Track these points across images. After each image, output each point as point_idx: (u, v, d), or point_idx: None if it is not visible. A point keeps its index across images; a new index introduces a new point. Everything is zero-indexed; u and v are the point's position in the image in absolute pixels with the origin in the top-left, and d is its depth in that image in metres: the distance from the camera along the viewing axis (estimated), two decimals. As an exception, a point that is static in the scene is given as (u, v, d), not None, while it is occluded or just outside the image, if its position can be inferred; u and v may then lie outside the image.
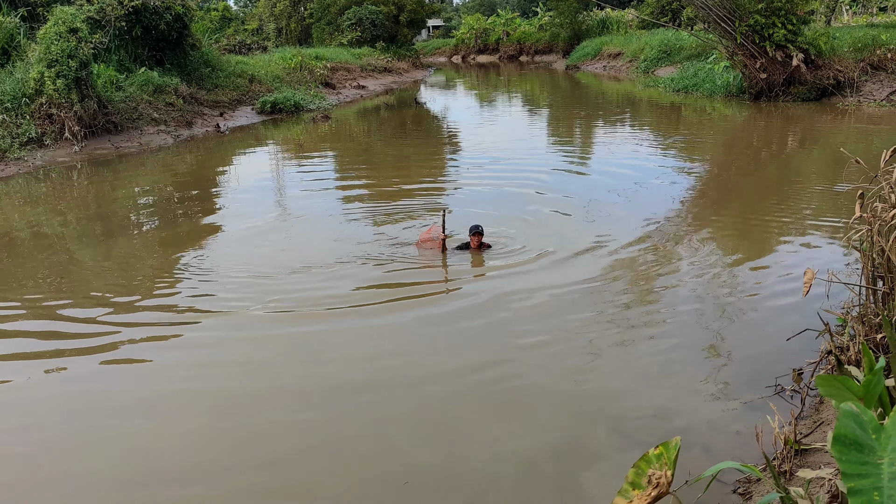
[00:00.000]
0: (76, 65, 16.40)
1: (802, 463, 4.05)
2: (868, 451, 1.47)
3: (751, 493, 4.03)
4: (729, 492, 4.07)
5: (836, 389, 1.72)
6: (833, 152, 13.70)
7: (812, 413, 4.81)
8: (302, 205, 11.84)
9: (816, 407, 4.88)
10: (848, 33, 23.87)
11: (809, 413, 4.81)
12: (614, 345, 6.00)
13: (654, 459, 1.90)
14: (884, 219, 4.76)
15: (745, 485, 4.10)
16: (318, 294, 7.43)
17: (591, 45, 46.76)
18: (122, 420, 5.30)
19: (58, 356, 6.31)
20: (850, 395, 1.69)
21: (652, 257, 8.14)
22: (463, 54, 68.15)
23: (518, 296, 7.15)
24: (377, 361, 6.01)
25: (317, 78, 30.18)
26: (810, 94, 21.59)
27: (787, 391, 5.09)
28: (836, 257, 7.86)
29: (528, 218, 10.06)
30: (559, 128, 21.50)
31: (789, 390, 5.10)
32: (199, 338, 6.64)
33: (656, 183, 12.15)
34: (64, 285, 8.12)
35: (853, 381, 1.73)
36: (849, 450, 1.48)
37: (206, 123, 21.12)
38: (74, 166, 15.68)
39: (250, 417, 5.23)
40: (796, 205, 10.41)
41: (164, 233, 10.34)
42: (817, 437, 4.33)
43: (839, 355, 4.75)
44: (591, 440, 4.72)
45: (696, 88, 25.95)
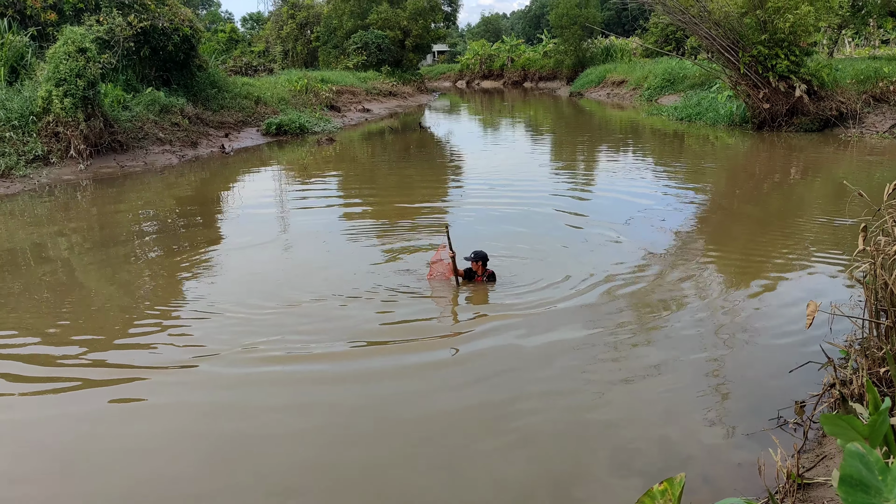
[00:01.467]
0: (84, 84, 16.53)
1: (805, 497, 4.02)
2: (874, 492, 1.47)
3: (753, 527, 3.99)
4: (731, 526, 4.02)
5: (841, 429, 1.71)
6: (836, 184, 13.74)
7: (815, 446, 4.77)
8: (304, 230, 11.66)
9: (819, 440, 4.85)
10: (850, 65, 24.04)
11: (812, 446, 4.78)
12: (617, 376, 5.97)
13: (658, 496, 1.89)
14: (887, 252, 4.76)
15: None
16: (310, 338, 6.91)
17: (595, 73, 47.13)
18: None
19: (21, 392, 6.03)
20: (856, 435, 1.68)
21: (654, 287, 8.12)
22: (467, 79, 68.71)
23: (520, 331, 7.07)
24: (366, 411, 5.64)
25: (322, 101, 30.39)
26: (813, 125, 21.69)
27: (789, 424, 5.06)
28: (839, 290, 7.84)
29: (529, 246, 10.03)
30: (562, 154, 21.58)
31: (792, 423, 5.07)
32: (169, 384, 6.11)
33: (659, 211, 12.17)
34: (56, 310, 7.91)
35: (858, 421, 1.72)
36: (855, 490, 1.47)
37: (211, 144, 21.23)
38: (79, 184, 15.74)
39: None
40: (799, 236, 10.42)
41: (163, 260, 10.00)
42: (820, 471, 4.29)
43: (842, 390, 4.73)
44: (593, 472, 4.68)
45: (700, 117, 26.09)
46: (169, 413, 5.65)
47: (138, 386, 6.04)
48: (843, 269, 8.03)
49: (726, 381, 5.82)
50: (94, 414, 5.64)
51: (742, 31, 21.68)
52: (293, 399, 5.85)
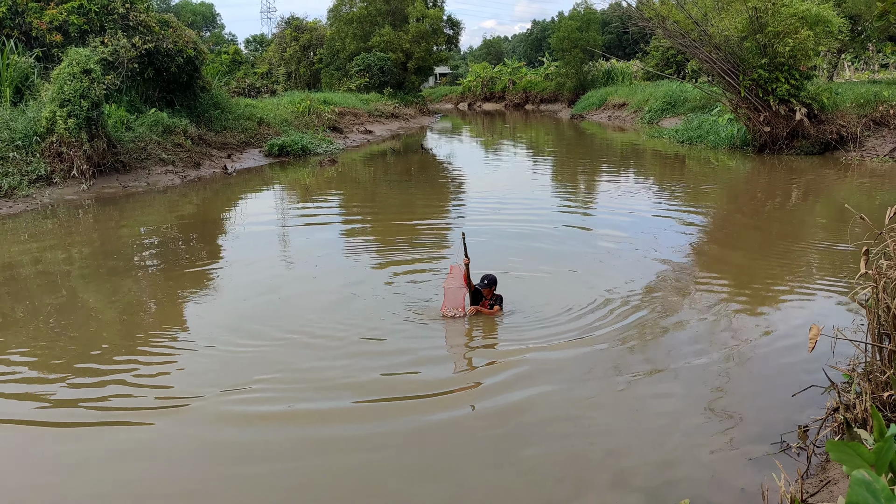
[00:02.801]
0: (88, 105, 16.63)
1: (809, 524, 3.98)
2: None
3: (757, 554, 3.95)
4: (735, 552, 3.99)
5: (846, 455, 1.70)
6: (837, 207, 13.75)
7: (818, 471, 4.73)
8: (306, 254, 11.38)
9: (823, 465, 4.81)
10: (850, 89, 24.17)
11: (816, 471, 4.74)
12: (620, 400, 5.94)
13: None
14: (889, 276, 4.75)
15: (752, 545, 4.02)
16: (304, 386, 6.36)
17: (597, 95, 47.38)
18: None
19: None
20: (862, 462, 1.67)
21: (656, 311, 8.09)
22: (469, 101, 69.09)
23: (530, 377, 7.05)
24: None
25: (324, 122, 30.54)
26: (814, 148, 21.77)
27: (792, 448, 5.03)
28: (842, 314, 7.81)
29: (529, 266, 10.02)
30: (564, 176, 21.64)
31: (795, 447, 5.03)
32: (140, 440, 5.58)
33: (660, 234, 12.16)
34: (39, 337, 7.69)
35: (864, 448, 1.71)
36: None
37: (214, 165, 21.31)
38: (81, 205, 15.78)
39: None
40: (801, 260, 10.41)
41: (160, 285, 9.80)
42: (824, 497, 4.26)
43: (846, 415, 4.70)
44: (595, 498, 4.64)
45: (701, 140, 26.19)
46: (130, 469, 5.14)
47: (108, 435, 5.59)
48: (846, 293, 8.00)
49: (729, 405, 5.78)
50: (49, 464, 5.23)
51: (742, 55, 21.82)
52: (272, 470, 5.07)
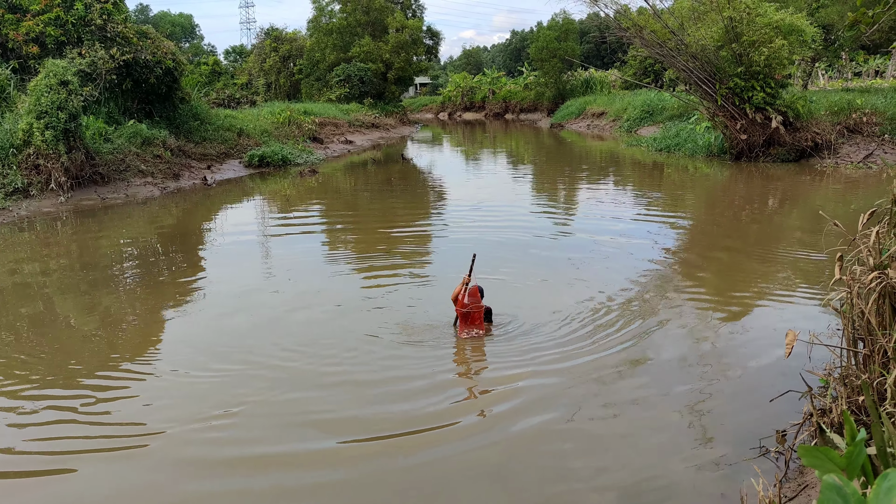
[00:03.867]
0: (65, 116, 16.51)
1: (788, 528, 4.02)
2: (851, 524, 1.49)
3: (737, 558, 3.99)
4: (715, 557, 4.03)
5: (818, 460, 1.73)
6: (813, 213, 13.94)
7: (797, 475, 4.79)
8: (283, 268, 11.02)
9: (801, 469, 4.87)
10: (824, 97, 24.55)
11: (794, 475, 4.80)
12: (598, 410, 5.97)
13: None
14: (863, 282, 4.83)
15: (731, 550, 4.06)
16: (283, 422, 5.84)
17: (576, 105, 47.75)
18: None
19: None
20: (833, 466, 1.71)
21: (634, 320, 8.15)
22: (449, 111, 69.33)
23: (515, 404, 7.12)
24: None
25: (305, 132, 30.50)
26: (790, 156, 22.06)
27: (771, 453, 5.08)
28: (818, 319, 7.92)
29: (508, 275, 10.06)
30: (544, 185, 21.75)
31: (773, 452, 5.09)
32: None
33: (638, 242, 12.26)
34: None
35: (835, 452, 1.74)
36: (832, 523, 1.49)
37: (194, 176, 21.20)
38: (59, 217, 15.64)
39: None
40: (778, 266, 10.54)
41: (135, 302, 9.46)
42: (802, 501, 4.31)
43: (821, 420, 4.76)
44: (568, 497, 4.66)
45: (679, 148, 26.45)
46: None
47: (41, 489, 5.04)
48: (821, 299, 8.11)
49: (708, 411, 5.84)
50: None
51: (718, 64, 22.10)
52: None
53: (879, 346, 4.70)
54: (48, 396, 6.45)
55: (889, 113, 22.33)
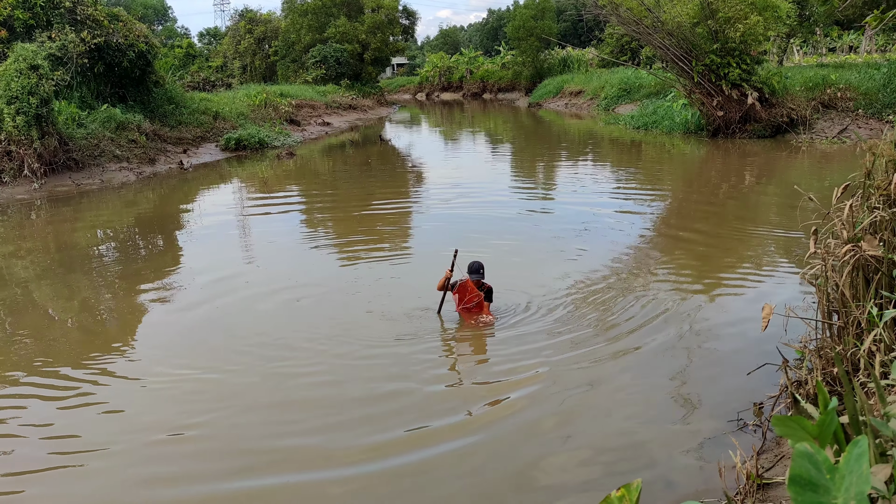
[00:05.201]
0: (37, 102, 16.24)
1: (764, 497, 4.10)
2: (823, 490, 1.51)
3: (715, 528, 4.06)
4: (693, 528, 4.09)
5: (791, 429, 1.76)
6: (788, 188, 14.07)
7: (773, 447, 4.87)
8: (262, 253, 10.88)
9: (777, 440, 4.94)
10: (799, 73, 24.70)
11: (771, 447, 4.87)
12: (577, 384, 6.02)
13: (615, 501, 1.92)
14: (837, 255, 4.89)
15: (710, 520, 4.13)
16: (245, 440, 5.30)
17: (553, 84, 47.69)
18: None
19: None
20: (806, 435, 1.74)
21: (612, 296, 8.21)
22: (427, 91, 69.00)
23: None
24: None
25: (281, 115, 30.23)
26: (765, 132, 22.22)
27: (749, 425, 5.16)
28: (794, 293, 8.02)
29: (489, 255, 10.07)
30: (523, 165, 21.76)
31: (751, 424, 5.17)
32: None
33: (616, 219, 12.34)
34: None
35: (808, 421, 1.78)
36: (804, 490, 1.52)
37: (170, 160, 20.97)
38: (33, 204, 15.43)
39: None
40: (755, 241, 10.65)
41: (107, 290, 9.33)
42: (778, 471, 4.38)
43: (796, 390, 4.84)
44: (552, 478, 4.72)
45: (656, 125, 26.54)
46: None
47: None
48: (797, 273, 8.20)
49: (686, 385, 5.91)
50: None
51: (695, 41, 22.15)
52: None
53: (853, 318, 4.77)
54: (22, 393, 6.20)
55: (863, 88, 22.53)
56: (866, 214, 5.09)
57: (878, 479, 1.95)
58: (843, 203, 5.08)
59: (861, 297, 4.78)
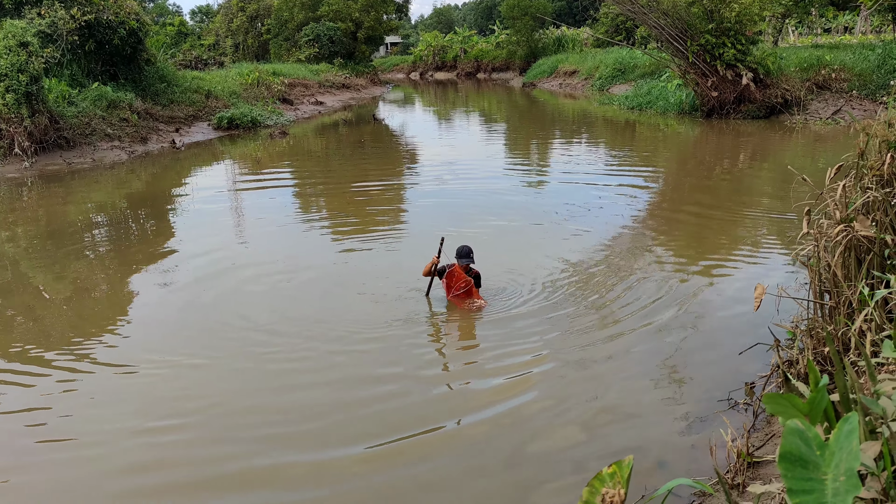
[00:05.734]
0: (26, 79, 16.09)
1: (755, 475, 4.13)
2: (813, 467, 1.52)
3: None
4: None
5: (782, 407, 1.77)
6: (782, 169, 14.07)
7: (764, 426, 4.90)
8: (254, 234, 10.77)
9: (768, 419, 4.98)
10: (794, 54, 24.63)
11: (761, 426, 4.91)
12: (571, 365, 6.05)
13: (607, 478, 1.93)
14: (829, 235, 4.90)
15: (701, 498, 4.16)
16: (240, 428, 5.18)
17: (548, 63, 47.46)
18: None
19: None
20: (796, 412, 1.74)
21: (605, 277, 8.23)
22: (421, 71, 68.64)
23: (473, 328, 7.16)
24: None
25: (274, 94, 30.04)
26: (760, 112, 22.20)
27: (740, 405, 5.19)
28: (786, 273, 8.05)
29: (485, 240, 10.07)
30: (517, 145, 21.69)
31: (742, 404, 5.20)
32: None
33: (611, 200, 12.34)
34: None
35: (798, 399, 1.78)
36: (794, 466, 1.53)
37: (162, 139, 20.84)
38: (24, 182, 15.32)
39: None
40: (747, 222, 10.66)
41: (99, 271, 9.21)
42: (769, 450, 4.41)
43: (787, 370, 4.87)
44: (544, 457, 4.74)
45: (650, 106, 26.47)
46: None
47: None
48: (790, 254, 8.23)
49: (678, 365, 5.94)
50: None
51: (690, 21, 22.04)
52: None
53: (845, 298, 4.79)
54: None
55: (857, 69, 22.48)
56: (859, 195, 5.10)
57: (867, 455, 1.97)
58: (837, 184, 5.08)
59: (853, 278, 4.80)
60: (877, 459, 2.11)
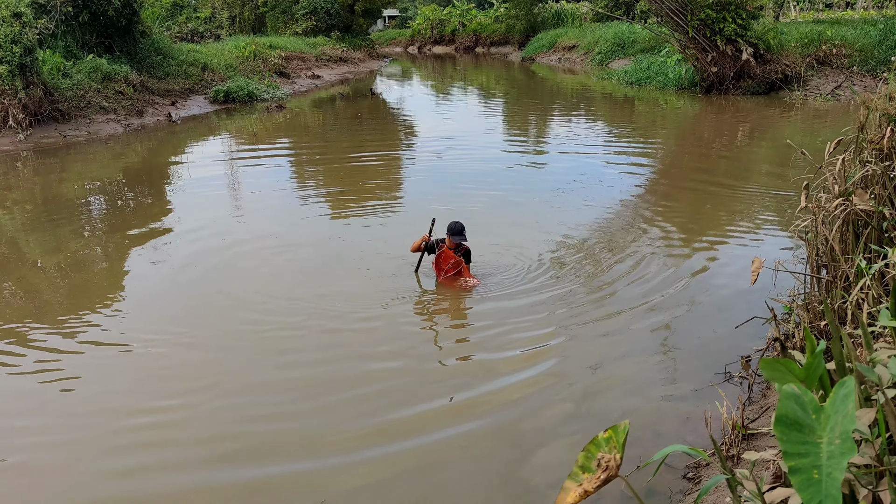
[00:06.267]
0: (20, 51, 15.94)
1: (749, 447, 4.16)
2: (808, 430, 1.53)
3: (699, 477, 4.12)
4: (678, 477, 4.16)
5: (778, 372, 1.77)
6: (780, 145, 14.03)
7: (759, 399, 4.93)
8: (253, 211, 10.57)
9: (763, 393, 5.01)
10: (795, 29, 24.45)
11: (756, 399, 4.94)
12: (566, 332, 6.07)
13: (603, 443, 1.93)
14: (827, 209, 4.89)
15: (694, 470, 4.19)
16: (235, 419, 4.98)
17: (546, 38, 47.04)
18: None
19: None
20: (792, 378, 1.74)
21: (604, 251, 8.23)
22: (419, 45, 67.98)
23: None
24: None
25: (271, 67, 29.79)
26: (759, 88, 22.08)
27: (735, 378, 5.22)
28: (784, 247, 8.06)
29: (479, 210, 10.06)
30: (515, 121, 21.59)
31: (737, 377, 5.22)
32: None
33: (609, 175, 12.32)
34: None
35: (795, 364, 1.78)
36: (790, 430, 1.53)
37: (158, 112, 20.71)
38: (19, 155, 15.24)
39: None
40: (745, 196, 10.65)
41: (93, 247, 9.10)
42: (763, 422, 4.44)
43: (784, 342, 4.88)
44: (541, 425, 4.77)
45: (650, 81, 26.31)
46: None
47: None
48: (788, 229, 8.23)
49: (674, 338, 5.96)
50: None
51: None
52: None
53: (842, 272, 4.79)
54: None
55: (858, 45, 22.33)
56: (858, 169, 5.08)
57: (862, 422, 1.98)
58: (836, 158, 5.06)
59: (850, 252, 4.80)
60: (871, 426, 2.12)
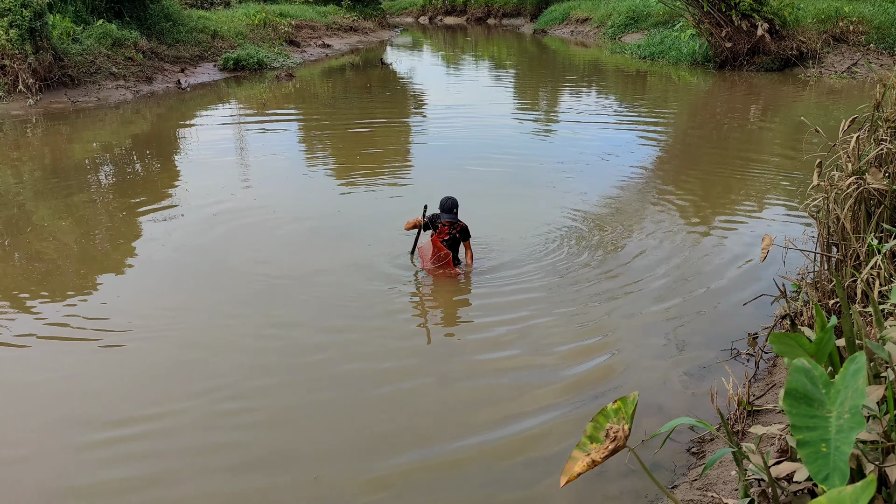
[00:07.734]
0: (30, 14, 15.86)
1: (755, 423, 4.17)
2: (817, 404, 1.53)
3: (704, 452, 4.14)
4: (683, 451, 4.18)
5: (788, 347, 1.77)
6: (794, 122, 13.90)
7: (765, 376, 4.94)
8: (261, 183, 10.36)
9: (770, 370, 5.02)
10: (812, 4, 24.07)
11: (763, 376, 4.95)
12: (574, 307, 6.07)
13: (611, 414, 1.94)
14: (840, 187, 4.86)
15: (699, 444, 4.22)
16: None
17: (559, 10, 46.47)
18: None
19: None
20: (802, 353, 1.74)
21: (613, 228, 8.19)
22: (430, 15, 67.33)
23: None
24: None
25: (281, 35, 29.59)
26: (774, 65, 21.81)
27: (742, 355, 5.22)
28: (794, 225, 8.02)
29: (487, 185, 10.02)
30: (525, 92, 21.43)
31: (745, 354, 5.23)
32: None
33: (620, 150, 12.23)
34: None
35: (805, 339, 1.78)
36: (799, 403, 1.53)
37: (167, 79, 20.63)
38: (29, 120, 15.23)
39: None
40: (757, 173, 10.58)
41: (101, 218, 8.90)
42: (769, 399, 4.45)
43: (793, 318, 4.88)
44: (549, 397, 4.79)
45: (663, 56, 26.03)
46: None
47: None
48: (799, 208, 8.18)
49: (682, 315, 5.96)
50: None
51: (706, -32, 21.53)
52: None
53: (852, 251, 4.77)
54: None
55: (876, 21, 22.00)
56: (873, 147, 5.03)
57: (871, 399, 1.98)
58: (850, 136, 5.02)
59: (862, 231, 4.77)
60: (879, 403, 2.12)
